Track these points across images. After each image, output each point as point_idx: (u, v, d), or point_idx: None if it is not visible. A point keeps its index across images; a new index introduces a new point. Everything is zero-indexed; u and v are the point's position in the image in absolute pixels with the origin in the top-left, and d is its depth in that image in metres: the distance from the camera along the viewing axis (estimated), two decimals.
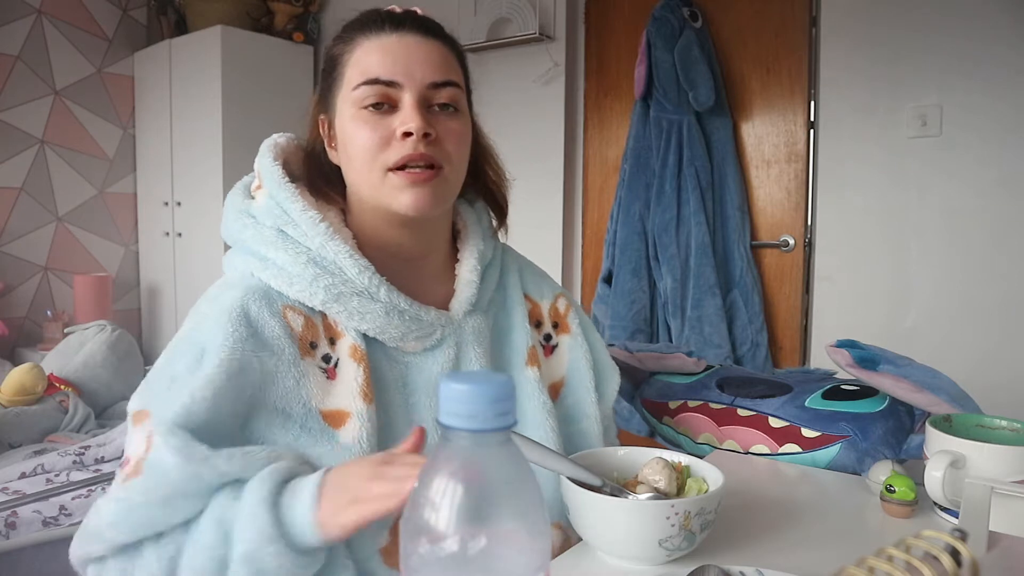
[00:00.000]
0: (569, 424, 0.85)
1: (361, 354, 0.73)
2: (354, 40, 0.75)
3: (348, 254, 0.73)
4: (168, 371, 0.70)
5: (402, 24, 0.75)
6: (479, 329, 0.81)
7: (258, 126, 0.92)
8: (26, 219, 3.09)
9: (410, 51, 0.74)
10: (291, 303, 0.73)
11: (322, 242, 0.73)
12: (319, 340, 0.73)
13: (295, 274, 0.72)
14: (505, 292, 0.88)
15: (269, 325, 0.70)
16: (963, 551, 0.49)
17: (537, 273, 0.93)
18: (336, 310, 0.73)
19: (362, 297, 0.73)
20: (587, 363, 0.88)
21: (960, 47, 2.04)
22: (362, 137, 0.73)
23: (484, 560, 0.35)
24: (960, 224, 2.08)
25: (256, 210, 0.77)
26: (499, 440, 0.36)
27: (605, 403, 0.89)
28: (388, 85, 0.73)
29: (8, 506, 1.60)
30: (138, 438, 0.67)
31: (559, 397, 0.86)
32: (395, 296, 0.74)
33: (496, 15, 2.74)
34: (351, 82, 0.74)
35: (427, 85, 0.73)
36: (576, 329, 0.90)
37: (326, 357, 0.73)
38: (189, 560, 0.63)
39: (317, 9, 3.33)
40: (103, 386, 2.44)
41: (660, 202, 2.41)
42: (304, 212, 0.74)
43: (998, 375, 1.94)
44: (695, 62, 2.32)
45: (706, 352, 2.28)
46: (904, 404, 0.97)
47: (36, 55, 3.06)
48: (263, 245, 0.74)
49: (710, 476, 0.71)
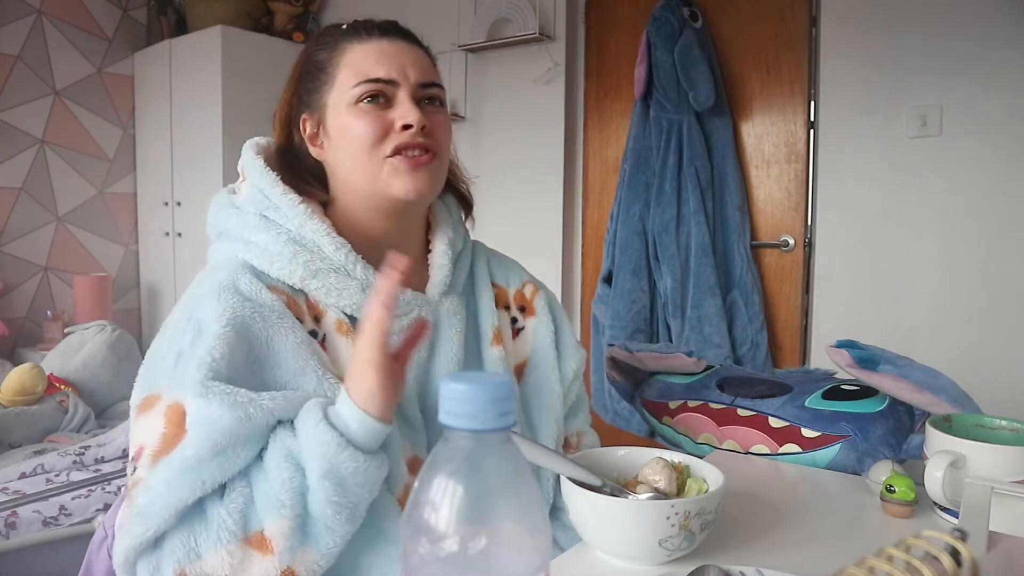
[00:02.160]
0: (532, 398, 0.90)
1: (348, 328, 0.77)
2: (341, 45, 0.82)
3: (326, 232, 0.78)
4: (171, 352, 0.71)
5: (390, 32, 0.83)
6: (454, 310, 0.85)
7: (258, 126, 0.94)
8: (26, 219, 3.09)
9: (402, 54, 0.81)
10: (273, 282, 0.77)
11: (301, 222, 0.78)
12: (304, 317, 0.77)
13: (276, 252, 0.77)
14: (474, 279, 0.93)
15: (263, 294, 0.74)
16: (963, 551, 0.49)
17: (505, 263, 0.98)
18: (314, 286, 0.77)
19: (339, 274, 0.78)
20: (551, 341, 0.92)
21: (960, 47, 2.04)
22: (362, 127, 0.78)
23: (484, 560, 0.35)
24: (960, 224, 2.08)
25: (240, 201, 0.82)
26: (499, 440, 0.36)
27: (565, 379, 0.93)
28: (387, 83, 0.79)
29: (8, 506, 1.60)
30: (150, 423, 0.68)
31: (524, 376, 0.91)
32: (371, 274, 0.79)
33: (496, 15, 2.74)
34: (347, 81, 0.80)
35: (418, 84, 0.81)
36: (542, 311, 0.94)
37: (312, 332, 0.76)
38: (266, 502, 0.65)
39: (317, 9, 3.33)
40: (103, 386, 2.44)
41: (660, 202, 2.41)
42: (284, 195, 0.79)
43: (998, 375, 1.94)
44: (695, 62, 2.32)
45: (706, 352, 2.28)
46: (904, 404, 0.97)
47: (36, 55, 3.06)
48: (246, 230, 0.79)
49: (710, 476, 0.71)
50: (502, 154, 2.84)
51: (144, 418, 0.69)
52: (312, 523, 0.65)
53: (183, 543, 0.64)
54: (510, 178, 2.80)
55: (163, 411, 0.68)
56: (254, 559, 0.64)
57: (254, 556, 0.64)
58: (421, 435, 0.81)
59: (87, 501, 1.68)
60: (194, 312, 0.73)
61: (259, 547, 0.64)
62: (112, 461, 1.87)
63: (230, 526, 0.64)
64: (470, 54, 2.87)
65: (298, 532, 0.65)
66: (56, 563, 1.50)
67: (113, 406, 2.45)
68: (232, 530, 0.64)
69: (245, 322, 0.71)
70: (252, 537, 0.65)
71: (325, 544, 0.66)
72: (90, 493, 1.70)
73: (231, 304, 0.71)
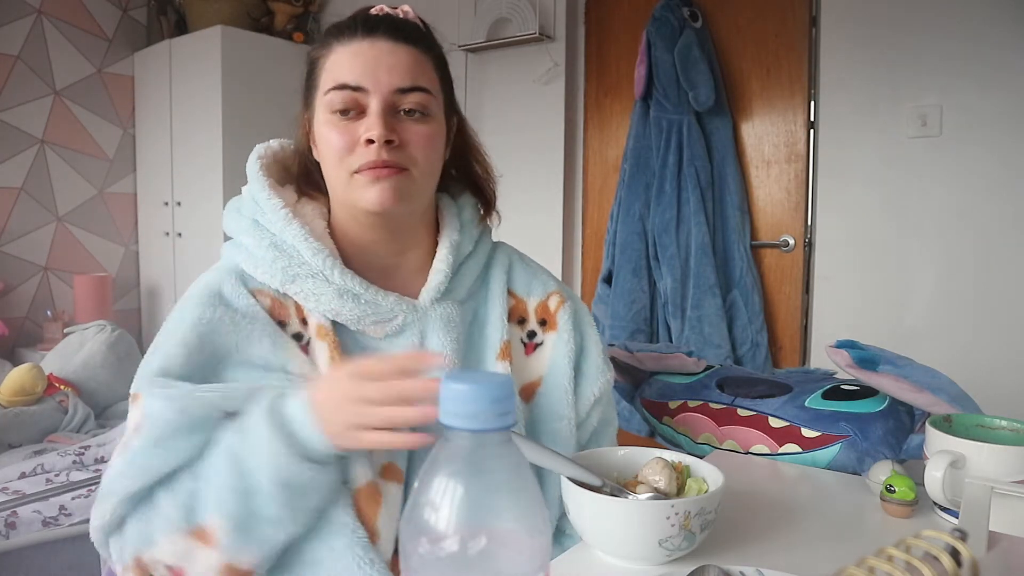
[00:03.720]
0: (540, 423, 0.84)
1: (325, 331, 0.77)
2: (330, 45, 0.79)
3: (303, 237, 0.77)
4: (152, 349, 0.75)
5: (374, 30, 0.77)
6: (448, 317, 0.81)
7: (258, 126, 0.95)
8: (26, 219, 3.08)
9: (379, 57, 0.76)
10: (259, 286, 0.78)
11: (282, 226, 0.78)
12: (289, 319, 0.78)
13: (259, 256, 0.78)
14: (487, 286, 0.88)
15: (243, 300, 0.76)
16: (963, 551, 0.49)
17: (530, 271, 0.92)
18: (294, 291, 0.77)
19: (316, 279, 0.77)
20: (568, 361, 0.86)
21: (960, 47, 2.04)
22: (332, 140, 0.77)
23: (484, 560, 0.35)
24: (960, 224, 2.08)
25: (240, 205, 0.84)
26: (499, 440, 0.36)
27: (582, 403, 0.86)
28: (355, 90, 0.76)
29: (8, 506, 1.60)
30: (132, 414, 0.72)
31: (535, 396, 0.85)
32: (349, 279, 0.77)
33: (496, 15, 2.74)
34: (324, 86, 0.78)
35: (393, 91, 0.76)
36: (565, 326, 0.87)
37: (297, 335, 0.77)
38: (207, 499, 0.66)
39: (317, 9, 3.33)
40: (103, 386, 2.44)
41: (660, 202, 2.41)
42: (268, 200, 0.79)
43: (998, 375, 1.94)
44: (695, 62, 2.32)
45: (706, 352, 2.27)
46: (904, 404, 0.97)
47: (36, 55, 3.06)
48: (240, 233, 0.81)
49: (710, 476, 0.71)
50: (502, 154, 2.83)
51: (131, 412, 0.73)
52: (256, 521, 0.66)
53: (138, 530, 0.68)
54: (510, 178, 2.77)
55: (136, 405, 0.72)
56: (198, 550, 0.66)
57: (197, 547, 0.66)
58: None
59: (87, 501, 1.67)
60: (180, 313, 0.76)
61: (202, 539, 0.66)
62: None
63: (174, 518, 0.66)
64: (470, 54, 2.87)
65: (241, 529, 0.66)
66: (56, 563, 1.50)
67: (113, 406, 2.45)
68: (175, 521, 0.66)
69: (213, 327, 0.73)
70: (195, 530, 0.66)
71: (270, 542, 0.67)
72: (90, 493, 1.70)
73: (203, 309, 0.74)
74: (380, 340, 0.79)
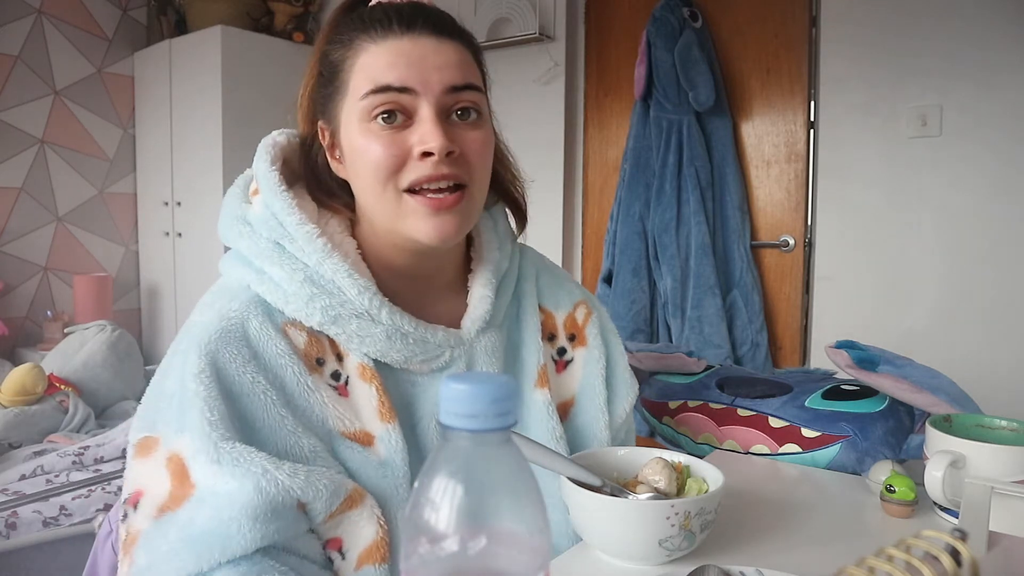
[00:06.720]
0: (575, 446, 0.80)
1: (372, 374, 0.68)
2: (356, 43, 0.68)
3: (347, 273, 0.67)
4: (172, 391, 0.64)
5: (413, 23, 0.67)
6: (492, 348, 0.75)
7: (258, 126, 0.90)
8: (26, 219, 3.08)
9: (425, 54, 0.66)
10: (288, 320, 0.68)
11: (319, 259, 0.67)
12: (326, 356, 0.68)
13: (291, 292, 0.67)
14: (520, 303, 0.81)
15: (273, 341, 0.65)
16: (963, 551, 0.49)
17: (555, 279, 0.86)
18: (335, 332, 0.67)
19: (362, 319, 0.68)
20: (601, 379, 0.81)
21: (960, 47, 2.04)
22: (374, 155, 0.66)
23: (484, 560, 0.35)
24: (960, 224, 2.08)
25: (253, 218, 0.71)
26: (499, 440, 0.36)
27: (616, 422, 0.83)
28: (401, 92, 0.65)
29: (8, 506, 1.60)
30: (150, 471, 0.62)
31: (568, 417, 0.81)
32: (398, 318, 0.69)
33: (496, 15, 2.74)
34: (358, 91, 0.67)
35: (445, 90, 0.66)
36: (594, 341, 0.82)
37: (335, 374, 0.68)
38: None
39: (317, 9, 3.33)
40: (103, 386, 2.44)
41: (660, 202, 2.41)
42: (301, 226, 0.68)
43: (998, 375, 1.94)
44: (695, 62, 2.32)
45: (706, 352, 2.28)
46: (904, 404, 0.97)
47: (36, 55, 3.06)
48: (259, 258, 0.69)
49: (710, 476, 0.71)
50: None
51: (142, 463, 0.63)
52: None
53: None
54: None
55: (163, 462, 0.61)
56: None
57: None
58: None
59: (87, 501, 1.67)
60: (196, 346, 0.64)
61: None
62: (112, 461, 1.87)
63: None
64: None
65: None
66: (56, 563, 1.50)
67: (113, 406, 2.45)
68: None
69: (242, 390, 0.63)
70: None
71: None
72: (90, 493, 1.70)
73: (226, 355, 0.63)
74: (423, 376, 0.72)
